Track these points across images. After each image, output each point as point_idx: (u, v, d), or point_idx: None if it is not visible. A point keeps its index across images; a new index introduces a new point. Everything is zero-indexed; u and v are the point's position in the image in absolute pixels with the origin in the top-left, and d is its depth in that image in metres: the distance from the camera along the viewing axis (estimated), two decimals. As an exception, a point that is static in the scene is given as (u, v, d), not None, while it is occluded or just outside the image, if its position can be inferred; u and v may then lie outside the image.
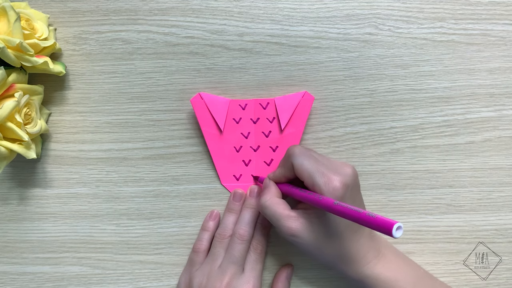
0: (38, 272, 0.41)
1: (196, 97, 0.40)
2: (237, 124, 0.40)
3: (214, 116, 0.39)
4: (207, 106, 0.39)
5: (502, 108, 0.41)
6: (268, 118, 0.40)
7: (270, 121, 0.40)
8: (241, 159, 0.41)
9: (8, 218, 0.41)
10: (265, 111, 0.40)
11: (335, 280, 0.41)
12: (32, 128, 0.37)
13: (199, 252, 0.39)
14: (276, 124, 0.40)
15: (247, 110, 0.40)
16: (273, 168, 0.40)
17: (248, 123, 0.40)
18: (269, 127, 0.40)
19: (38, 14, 0.39)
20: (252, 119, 0.40)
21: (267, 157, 0.40)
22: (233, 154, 0.40)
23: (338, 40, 0.41)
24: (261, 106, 0.40)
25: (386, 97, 0.41)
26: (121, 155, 0.41)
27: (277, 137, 0.40)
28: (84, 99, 0.41)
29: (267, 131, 0.40)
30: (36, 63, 0.36)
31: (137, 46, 0.41)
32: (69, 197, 0.41)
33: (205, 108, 0.39)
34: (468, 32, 0.41)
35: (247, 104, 0.40)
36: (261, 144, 0.40)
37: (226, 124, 0.40)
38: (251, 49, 0.41)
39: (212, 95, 0.40)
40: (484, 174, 0.41)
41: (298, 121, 0.40)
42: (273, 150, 0.40)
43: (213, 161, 0.40)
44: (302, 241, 0.33)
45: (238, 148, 0.40)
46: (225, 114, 0.40)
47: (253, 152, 0.40)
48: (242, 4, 0.41)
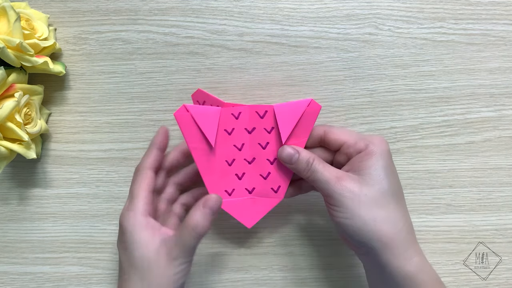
0: (38, 272, 0.41)
1: (180, 109, 0.33)
2: (229, 135, 0.35)
3: (203, 131, 0.34)
4: (195, 120, 0.34)
5: (502, 108, 0.41)
6: (265, 128, 0.35)
7: (268, 132, 0.35)
8: (233, 173, 0.36)
9: (8, 218, 0.41)
10: (262, 120, 0.35)
11: (335, 280, 0.41)
12: (32, 128, 0.37)
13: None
14: (274, 134, 0.35)
15: (241, 119, 0.35)
16: (270, 182, 0.36)
17: (242, 133, 0.35)
18: (267, 138, 0.35)
19: (38, 14, 0.39)
20: (246, 129, 0.35)
21: (263, 170, 0.36)
22: (225, 168, 0.35)
23: (338, 40, 0.41)
24: (257, 115, 0.35)
25: (386, 97, 0.41)
26: (121, 155, 0.41)
27: (275, 149, 0.35)
28: (84, 99, 0.41)
29: (264, 143, 0.35)
30: (36, 63, 0.36)
31: (137, 46, 0.41)
32: (69, 197, 0.41)
33: (192, 122, 0.34)
34: (468, 32, 0.41)
35: (241, 113, 0.35)
36: (256, 156, 0.36)
37: (217, 137, 0.35)
38: (251, 49, 0.41)
39: (200, 106, 0.34)
40: (484, 174, 0.41)
41: (301, 133, 0.34)
42: (271, 162, 0.35)
43: (202, 178, 0.35)
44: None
45: (230, 161, 0.36)
46: (215, 127, 0.34)
47: (247, 165, 0.36)
48: (242, 4, 0.41)
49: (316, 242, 0.41)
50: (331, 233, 0.41)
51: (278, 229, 0.41)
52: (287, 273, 0.41)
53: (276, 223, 0.41)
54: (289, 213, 0.41)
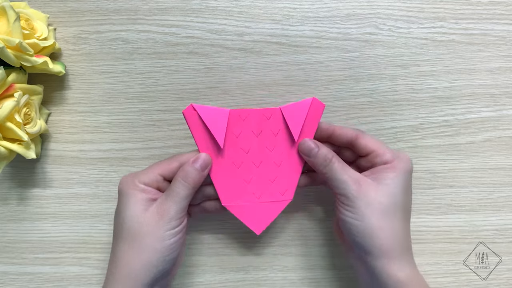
0: (38, 272, 0.41)
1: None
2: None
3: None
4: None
5: (502, 108, 0.41)
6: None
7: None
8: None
9: (8, 218, 0.41)
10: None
11: (335, 280, 0.41)
12: (31, 128, 0.37)
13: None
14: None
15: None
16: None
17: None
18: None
19: (37, 14, 0.39)
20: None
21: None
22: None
23: (338, 40, 0.41)
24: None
25: (386, 97, 0.41)
26: (121, 155, 0.41)
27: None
28: (84, 99, 0.41)
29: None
30: (35, 63, 0.36)
31: (137, 46, 0.41)
32: (69, 197, 0.41)
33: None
34: (469, 32, 0.41)
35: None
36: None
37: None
38: (251, 49, 0.41)
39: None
40: (484, 174, 0.41)
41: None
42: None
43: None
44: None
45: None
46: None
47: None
48: (242, 4, 0.41)
49: (316, 242, 0.41)
50: (331, 234, 0.41)
51: (278, 229, 0.41)
52: (287, 273, 0.41)
53: (276, 223, 0.41)
54: (289, 213, 0.41)
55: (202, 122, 0.34)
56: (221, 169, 0.36)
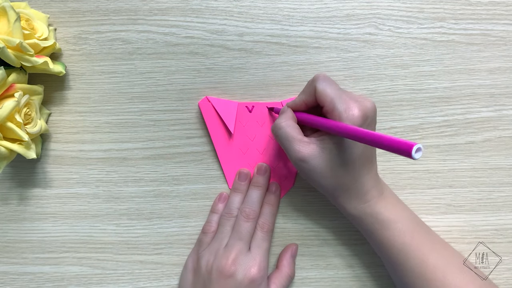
0: (38, 272, 0.41)
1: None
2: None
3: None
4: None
5: (502, 108, 0.41)
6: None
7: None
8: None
9: (8, 218, 0.41)
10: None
11: (336, 280, 0.41)
12: (32, 128, 0.37)
13: (207, 233, 0.39)
14: None
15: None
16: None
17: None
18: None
19: (38, 14, 0.39)
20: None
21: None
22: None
23: (338, 40, 0.41)
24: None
25: (386, 97, 0.41)
26: (121, 155, 0.41)
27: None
28: (84, 99, 0.41)
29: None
30: (36, 63, 0.36)
31: (137, 46, 0.41)
32: (69, 197, 0.41)
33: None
34: (468, 32, 0.41)
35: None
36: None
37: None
38: (251, 49, 0.41)
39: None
40: (484, 174, 0.41)
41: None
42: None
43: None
44: (310, 167, 0.33)
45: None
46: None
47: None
48: (242, 4, 0.41)
49: (316, 242, 0.41)
50: (331, 234, 0.41)
51: (278, 229, 0.41)
52: (287, 273, 0.41)
53: (276, 223, 0.41)
54: (289, 213, 0.41)
55: (215, 112, 0.40)
56: (229, 155, 0.40)
